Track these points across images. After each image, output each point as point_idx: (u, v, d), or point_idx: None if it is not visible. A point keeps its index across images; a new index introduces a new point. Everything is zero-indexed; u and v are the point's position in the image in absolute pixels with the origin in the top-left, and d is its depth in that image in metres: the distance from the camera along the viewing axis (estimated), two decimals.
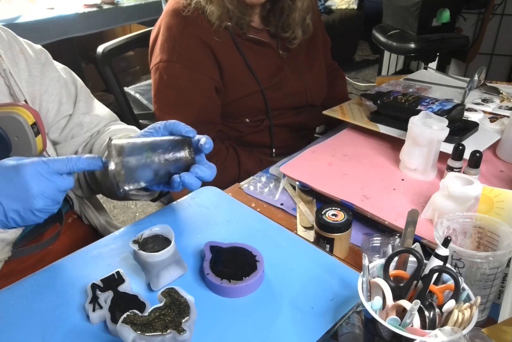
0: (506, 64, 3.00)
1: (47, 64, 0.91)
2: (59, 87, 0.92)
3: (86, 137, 0.95)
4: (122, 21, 2.91)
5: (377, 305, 0.55)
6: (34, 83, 0.88)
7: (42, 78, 0.90)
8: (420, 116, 0.93)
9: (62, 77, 0.94)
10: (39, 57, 0.90)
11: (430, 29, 2.60)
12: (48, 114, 0.91)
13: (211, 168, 0.70)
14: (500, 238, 0.62)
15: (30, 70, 0.87)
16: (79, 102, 0.94)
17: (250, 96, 1.21)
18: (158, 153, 0.66)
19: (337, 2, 4.11)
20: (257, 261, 0.69)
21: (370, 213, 0.84)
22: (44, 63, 0.91)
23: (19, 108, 0.74)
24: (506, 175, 0.96)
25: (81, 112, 0.94)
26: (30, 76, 0.87)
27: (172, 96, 1.16)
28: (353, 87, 3.81)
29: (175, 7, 1.14)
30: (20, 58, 0.86)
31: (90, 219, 1.01)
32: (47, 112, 0.91)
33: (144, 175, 0.67)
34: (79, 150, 0.94)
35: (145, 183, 0.68)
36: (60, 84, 0.93)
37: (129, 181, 0.66)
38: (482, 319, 0.65)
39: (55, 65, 0.94)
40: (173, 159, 0.67)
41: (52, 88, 0.91)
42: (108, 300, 0.64)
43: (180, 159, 0.68)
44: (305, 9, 1.21)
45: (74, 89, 0.96)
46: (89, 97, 0.98)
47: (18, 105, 0.74)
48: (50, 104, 0.91)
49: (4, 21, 2.34)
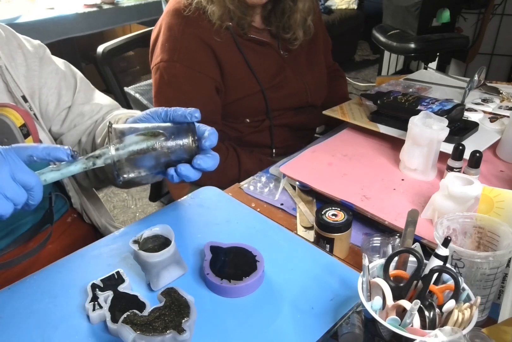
0: (506, 64, 3.00)
1: (45, 57, 0.91)
2: (58, 79, 0.91)
3: (89, 124, 0.93)
4: (122, 21, 2.91)
5: (377, 305, 0.55)
6: (33, 78, 0.87)
7: (41, 72, 0.89)
8: (420, 116, 0.93)
9: (61, 70, 0.93)
10: (38, 51, 0.90)
11: (430, 29, 2.61)
12: (49, 108, 0.91)
13: (214, 158, 0.66)
14: (500, 238, 0.62)
15: (28, 65, 0.87)
16: (78, 93, 0.93)
17: (251, 97, 1.21)
18: (160, 140, 0.63)
19: (337, 2, 4.10)
20: (257, 261, 0.69)
21: (370, 213, 0.84)
22: (43, 57, 0.90)
23: (7, 109, 0.72)
24: (506, 175, 0.96)
25: (80, 102, 0.93)
26: (28, 71, 0.87)
27: (172, 96, 1.16)
28: (353, 87, 3.81)
29: (176, 7, 1.14)
30: (17, 53, 0.86)
31: (92, 217, 1.01)
32: (47, 106, 0.90)
33: (144, 163, 0.64)
34: (82, 138, 0.93)
35: (146, 171, 0.65)
36: (59, 76, 0.92)
37: (129, 169, 0.63)
38: (482, 319, 0.65)
39: (53, 59, 0.93)
40: (176, 147, 0.64)
41: (51, 81, 0.90)
42: (108, 300, 0.64)
43: (183, 148, 0.64)
44: (307, 10, 1.21)
45: (74, 81, 0.95)
46: (89, 88, 0.98)
47: (6, 107, 0.73)
48: (49, 97, 0.90)
49: (4, 21, 2.33)
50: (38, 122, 0.87)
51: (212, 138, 0.65)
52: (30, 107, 0.86)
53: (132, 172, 0.63)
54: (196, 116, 0.65)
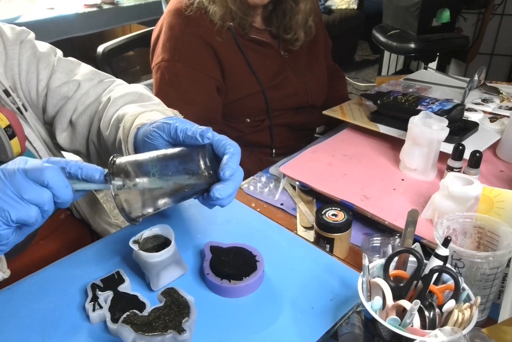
0: (506, 64, 3.00)
1: (25, 41, 0.86)
2: (35, 63, 0.86)
3: (74, 104, 0.87)
4: (122, 21, 2.92)
5: (377, 305, 0.55)
6: (13, 67, 0.83)
7: (20, 59, 0.84)
8: (420, 116, 0.93)
9: (39, 52, 0.87)
10: (19, 37, 0.85)
11: (430, 29, 2.60)
12: (31, 95, 0.87)
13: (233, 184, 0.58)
14: (500, 238, 0.62)
15: (7, 53, 0.83)
16: (54, 74, 0.87)
17: (251, 97, 1.21)
18: (167, 175, 0.56)
19: (337, 2, 4.11)
20: (257, 261, 0.69)
21: (370, 213, 0.84)
22: (23, 40, 0.85)
23: None
24: (506, 175, 0.96)
25: (56, 85, 0.87)
26: (7, 60, 0.83)
27: (173, 96, 1.16)
28: (353, 87, 3.80)
29: (178, 6, 1.14)
30: None
31: (83, 214, 0.97)
32: (29, 93, 0.86)
33: (155, 202, 0.57)
34: (73, 118, 0.88)
35: (158, 209, 0.59)
36: (36, 59, 0.86)
37: (138, 210, 0.57)
38: (482, 319, 0.65)
39: (35, 43, 0.89)
40: (186, 181, 0.56)
41: (28, 66, 0.85)
42: (108, 300, 0.64)
43: (194, 179, 0.56)
44: (308, 11, 1.21)
45: (52, 61, 0.88)
46: (68, 65, 0.90)
47: None
48: (29, 84, 0.86)
49: (4, 21, 2.33)
50: (23, 117, 0.83)
51: (232, 164, 0.57)
52: (14, 101, 0.82)
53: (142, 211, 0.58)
54: (209, 137, 0.58)
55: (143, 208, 0.58)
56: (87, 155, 0.93)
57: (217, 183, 0.57)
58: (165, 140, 0.64)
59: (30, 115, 0.87)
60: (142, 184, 0.56)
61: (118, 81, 0.93)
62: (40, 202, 0.52)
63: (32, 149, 0.85)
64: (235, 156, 0.59)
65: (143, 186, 0.56)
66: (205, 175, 0.56)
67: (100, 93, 0.88)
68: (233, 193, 0.59)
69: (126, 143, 0.71)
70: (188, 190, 0.57)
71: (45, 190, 0.52)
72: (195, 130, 0.59)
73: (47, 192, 0.53)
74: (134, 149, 0.71)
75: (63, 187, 0.54)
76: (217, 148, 0.60)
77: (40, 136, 0.88)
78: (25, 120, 0.84)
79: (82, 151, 0.93)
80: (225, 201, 0.59)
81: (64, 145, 0.92)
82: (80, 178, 0.56)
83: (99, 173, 0.56)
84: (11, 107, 0.81)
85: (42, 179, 0.52)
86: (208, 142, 0.59)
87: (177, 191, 0.57)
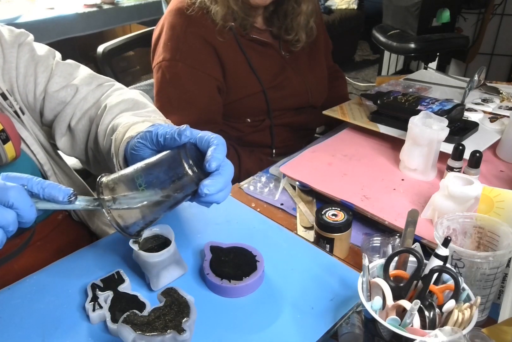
0: (506, 64, 3.00)
1: (24, 44, 0.85)
2: (33, 66, 0.85)
3: (72, 109, 0.87)
4: (122, 21, 2.92)
5: (377, 305, 0.55)
6: (10, 70, 0.82)
7: (18, 62, 0.83)
8: (420, 116, 0.93)
9: (37, 55, 0.86)
10: (17, 40, 0.84)
11: (430, 29, 2.60)
12: (29, 99, 0.86)
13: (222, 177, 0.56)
14: (500, 238, 0.62)
15: (5, 56, 0.82)
16: (52, 78, 0.86)
17: (252, 97, 1.21)
18: (153, 182, 0.55)
19: (337, 2, 4.11)
20: (257, 261, 0.69)
21: (370, 213, 0.84)
22: (22, 43, 0.84)
23: None
24: (506, 175, 0.96)
25: (54, 89, 0.86)
26: (5, 63, 0.82)
27: (174, 95, 1.16)
28: (353, 87, 3.80)
29: (179, 6, 1.14)
30: None
31: (80, 214, 0.96)
32: (26, 97, 0.85)
33: (149, 212, 0.56)
34: (71, 123, 0.87)
35: (155, 218, 0.58)
36: (35, 62, 0.85)
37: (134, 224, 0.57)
38: (482, 319, 0.65)
39: (33, 46, 0.87)
40: (173, 184, 0.55)
41: (26, 69, 0.84)
42: (108, 300, 0.64)
43: (181, 180, 0.54)
44: (310, 12, 1.21)
45: (51, 64, 0.87)
46: (67, 69, 0.89)
47: None
48: (27, 88, 0.85)
49: (4, 21, 2.34)
50: (20, 120, 0.83)
51: (217, 155, 0.55)
52: (11, 104, 0.80)
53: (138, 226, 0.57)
54: (187, 135, 0.57)
55: (138, 220, 0.57)
56: (87, 161, 0.93)
57: (205, 179, 0.55)
58: (150, 149, 0.62)
59: (28, 118, 0.86)
60: (132, 197, 0.55)
61: (116, 85, 0.92)
62: (4, 224, 0.50)
63: (30, 153, 0.84)
64: (219, 147, 0.56)
65: (133, 199, 0.55)
66: (190, 174, 0.54)
67: (99, 98, 0.88)
68: (224, 188, 0.57)
69: (117, 156, 0.69)
70: (179, 193, 0.55)
71: (9, 211, 0.51)
72: (173, 131, 0.57)
73: (11, 212, 0.51)
74: (127, 162, 0.69)
75: (27, 207, 0.52)
76: (201, 145, 0.58)
77: (38, 139, 0.88)
78: (22, 124, 0.84)
79: (82, 158, 0.93)
80: (217, 197, 0.57)
81: (64, 150, 0.92)
82: (41, 198, 0.54)
83: (63, 195, 0.53)
84: (8, 111, 0.80)
85: (7, 199, 0.50)
86: (187, 140, 0.57)
87: (167, 196, 0.55)
